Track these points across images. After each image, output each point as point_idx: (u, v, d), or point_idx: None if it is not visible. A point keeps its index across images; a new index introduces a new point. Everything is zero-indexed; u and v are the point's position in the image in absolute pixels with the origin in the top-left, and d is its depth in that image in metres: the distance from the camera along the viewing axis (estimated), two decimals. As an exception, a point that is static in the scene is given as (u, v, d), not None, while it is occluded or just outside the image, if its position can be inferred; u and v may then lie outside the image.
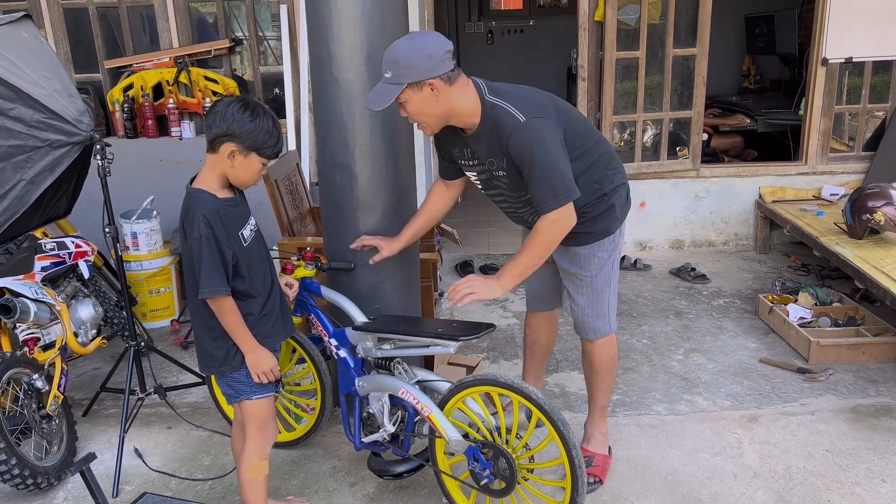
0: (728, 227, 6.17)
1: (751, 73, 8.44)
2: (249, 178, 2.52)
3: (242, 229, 2.54)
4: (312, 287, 3.15)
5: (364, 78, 3.03)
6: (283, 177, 4.19)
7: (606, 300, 3.05)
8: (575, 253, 3.00)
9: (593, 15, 5.73)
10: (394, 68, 2.56)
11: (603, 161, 2.91)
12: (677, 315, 4.85)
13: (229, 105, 2.44)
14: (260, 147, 2.45)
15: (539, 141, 2.59)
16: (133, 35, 5.76)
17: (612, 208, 2.94)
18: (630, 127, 6.01)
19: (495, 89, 2.72)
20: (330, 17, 3.01)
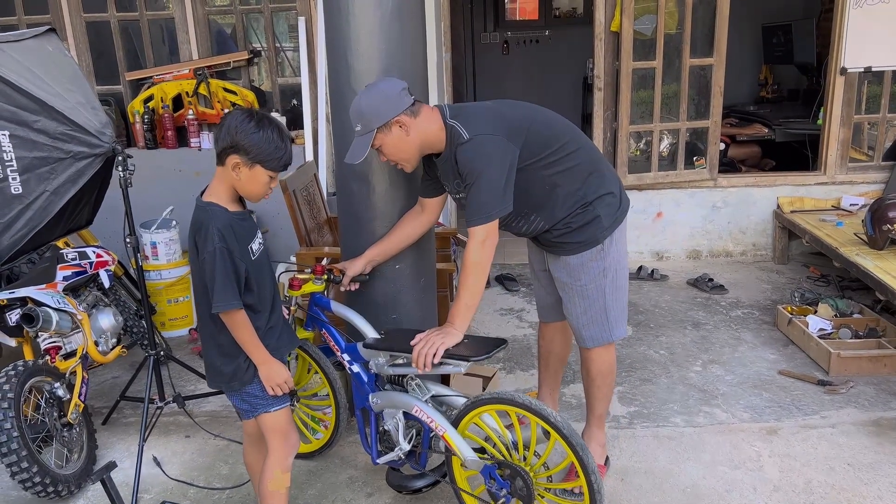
0: (746, 238, 6.15)
1: (768, 82, 8.40)
2: (256, 191, 2.50)
3: (252, 243, 2.54)
4: (322, 302, 3.15)
5: None
6: (301, 187, 4.21)
7: (602, 308, 3.04)
8: (566, 262, 3.02)
9: (609, 25, 5.74)
10: (361, 120, 2.67)
11: (585, 168, 2.92)
12: (695, 326, 4.84)
13: (235, 117, 2.44)
14: (265, 159, 2.42)
15: (479, 156, 2.66)
16: (154, 47, 5.83)
17: (597, 219, 2.94)
18: (646, 136, 6.01)
19: (455, 111, 2.79)
20: (348, 29, 3.02)
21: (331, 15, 3.10)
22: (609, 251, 2.98)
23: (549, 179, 2.85)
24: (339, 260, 3.45)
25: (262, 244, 2.62)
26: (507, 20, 10.34)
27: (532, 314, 5.07)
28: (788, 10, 8.10)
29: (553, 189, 2.87)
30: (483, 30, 10.27)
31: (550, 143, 2.84)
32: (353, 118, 2.69)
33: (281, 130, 2.48)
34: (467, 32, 10.10)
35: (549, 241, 3.02)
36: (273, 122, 2.46)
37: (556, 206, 2.91)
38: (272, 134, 2.43)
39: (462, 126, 2.72)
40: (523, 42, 10.28)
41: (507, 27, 10.31)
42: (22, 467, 2.94)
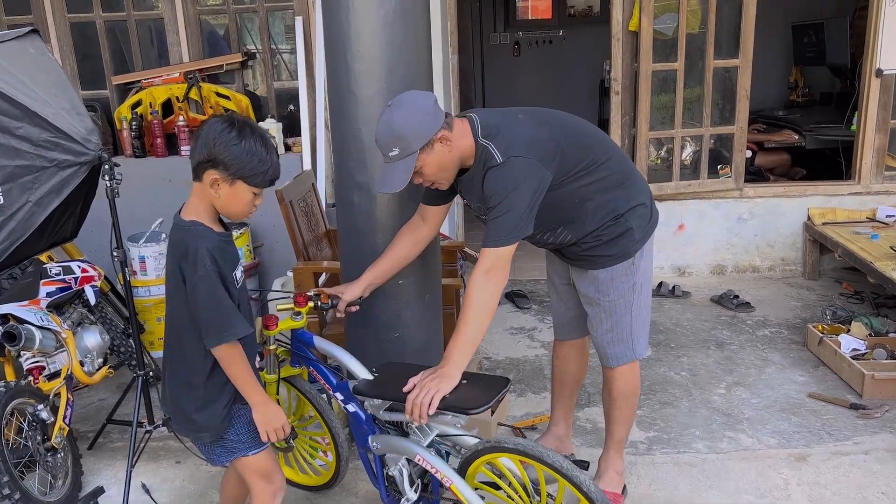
0: (774, 252, 6.19)
1: (798, 85, 8.43)
2: (238, 210, 2.41)
3: (236, 269, 2.48)
4: (305, 338, 3.05)
5: (384, 94, 3.06)
6: (299, 198, 4.27)
7: (628, 325, 3.09)
8: (594, 277, 3.06)
9: (627, 24, 5.80)
10: (398, 143, 2.61)
11: (616, 178, 2.96)
12: (719, 346, 4.88)
13: (212, 126, 2.32)
14: (247, 174, 2.32)
15: (508, 179, 2.68)
16: (142, 49, 5.89)
17: (629, 231, 2.98)
18: (667, 144, 6.06)
19: (487, 129, 2.78)
20: (349, 29, 3.07)
21: (330, 14, 3.14)
22: (639, 265, 3.05)
23: (580, 193, 2.89)
24: (338, 275, 3.50)
25: (243, 272, 2.57)
26: (518, 20, 10.42)
27: (545, 333, 5.12)
28: (820, 7, 8.13)
29: (584, 202, 2.91)
30: (492, 30, 10.35)
31: (582, 158, 2.87)
32: (386, 142, 2.63)
33: (265, 141, 2.37)
34: (475, 33, 10.18)
35: (577, 254, 3.05)
36: (256, 130, 2.37)
37: (586, 219, 2.94)
38: (255, 145, 2.32)
39: (496, 147, 2.72)
40: (535, 43, 10.35)
41: (519, 27, 10.38)
42: (4, 494, 2.97)
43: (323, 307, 3.06)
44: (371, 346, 3.33)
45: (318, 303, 3.04)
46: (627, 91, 5.95)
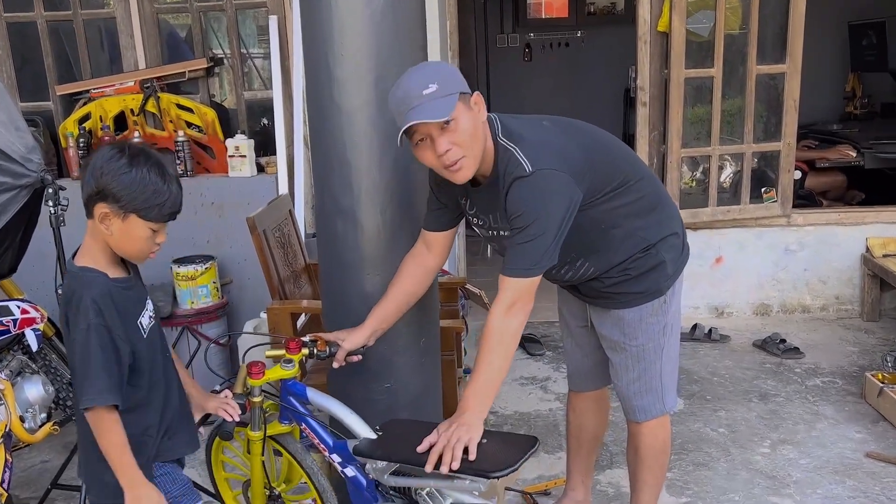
0: (827, 289, 6.26)
1: (856, 94, 8.48)
2: (134, 249, 2.47)
3: (141, 317, 2.53)
4: (296, 390, 3.06)
5: (373, 105, 3.10)
6: (274, 227, 4.33)
7: (658, 373, 3.13)
8: (618, 317, 3.09)
9: (656, 24, 5.87)
10: (438, 80, 2.58)
11: (647, 202, 3.00)
12: (762, 398, 4.93)
13: (101, 154, 2.39)
14: (140, 207, 2.37)
15: (541, 196, 2.67)
16: (91, 54, 5.95)
17: (661, 264, 3.02)
18: (703, 163, 6.13)
19: (511, 129, 2.79)
20: (331, 30, 3.08)
21: (309, 11, 3.17)
22: (671, 304, 3.09)
23: (608, 218, 2.91)
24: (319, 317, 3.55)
25: (153, 318, 2.62)
26: (529, 19, 10.52)
27: (559, 384, 5.17)
28: (881, 3, 8.06)
29: (610, 229, 2.93)
30: (499, 30, 10.46)
31: (613, 177, 2.89)
32: (419, 79, 2.59)
33: (162, 170, 2.42)
34: (479, 34, 10.28)
35: (599, 290, 3.08)
36: (152, 158, 2.41)
37: (611, 250, 2.97)
38: (149, 174, 2.37)
39: (523, 154, 2.70)
40: (549, 45, 10.46)
41: (530, 27, 10.50)
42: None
43: (319, 355, 3.06)
44: (358, 399, 3.30)
45: (314, 350, 3.05)
46: (656, 101, 6.02)
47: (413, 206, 3.29)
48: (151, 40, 5.87)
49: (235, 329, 5.43)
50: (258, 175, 5.63)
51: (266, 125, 6.03)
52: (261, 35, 6.16)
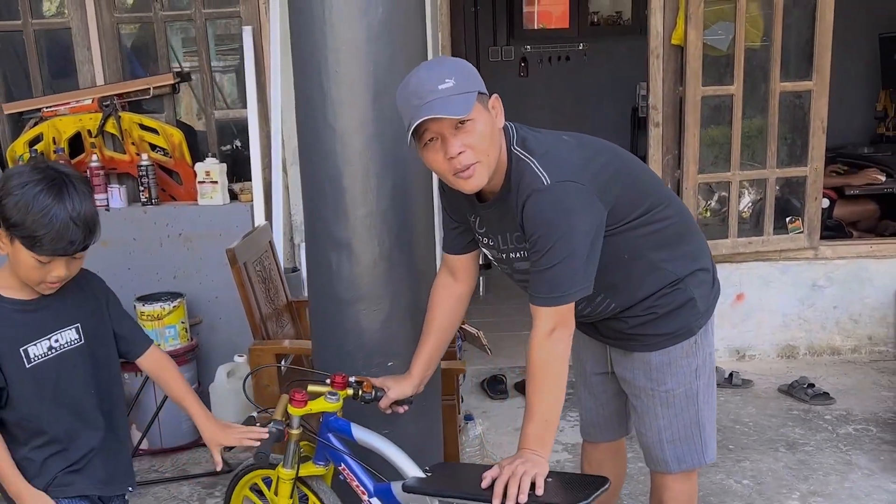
0: (858, 328, 6.36)
1: (888, 114, 8.52)
2: (23, 276, 2.57)
3: (29, 344, 2.62)
4: (339, 426, 3.12)
5: (369, 126, 3.20)
6: (254, 259, 4.41)
7: (693, 420, 3.13)
8: (644, 360, 3.10)
9: (670, 36, 5.95)
10: (456, 76, 2.60)
11: (675, 232, 3.02)
12: (790, 447, 5.04)
13: (15, 170, 2.51)
14: (21, 234, 2.45)
15: (562, 212, 2.66)
16: (43, 69, 5.99)
17: (691, 301, 3.02)
18: (721, 190, 6.23)
19: (526, 139, 2.81)
20: (325, 45, 3.18)
21: (301, 27, 3.26)
22: (702, 344, 3.10)
23: (632, 247, 2.92)
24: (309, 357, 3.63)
25: (62, 346, 2.70)
26: (525, 29, 10.59)
27: (567, 433, 5.25)
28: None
29: (634, 260, 2.94)
30: (493, 42, 10.51)
31: (639, 202, 2.91)
32: (437, 73, 2.60)
33: (59, 199, 2.46)
34: (471, 46, 10.28)
35: (622, 332, 3.10)
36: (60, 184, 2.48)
37: (634, 284, 2.99)
38: (41, 198, 2.43)
39: (540, 165, 2.70)
40: (548, 59, 10.53)
41: (526, 39, 10.57)
42: None
43: (365, 397, 3.13)
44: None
45: (360, 391, 3.12)
46: (670, 122, 6.10)
47: (413, 236, 3.38)
48: (111, 54, 5.90)
49: (206, 373, 5.47)
50: (231, 203, 5.69)
51: (238, 147, 6.09)
52: (227, 46, 6.23)
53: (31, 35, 5.94)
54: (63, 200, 2.46)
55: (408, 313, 3.41)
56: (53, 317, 2.68)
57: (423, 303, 3.38)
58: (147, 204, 5.64)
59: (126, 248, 5.57)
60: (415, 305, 3.41)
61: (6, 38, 6.09)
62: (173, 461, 5.25)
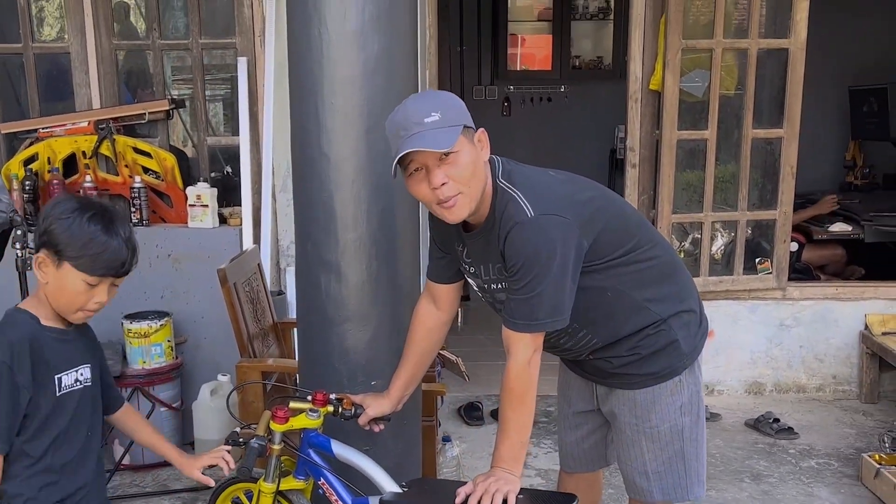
0: (823, 367, 6.47)
1: (857, 164, 8.65)
2: (67, 302, 2.57)
3: (63, 373, 2.63)
4: (319, 442, 3.19)
5: (361, 155, 3.31)
6: (244, 280, 4.50)
7: (679, 454, 3.13)
8: (629, 398, 3.12)
9: (648, 82, 6.10)
10: (441, 110, 2.65)
11: (659, 272, 3.05)
12: (755, 478, 5.14)
13: (55, 201, 2.57)
14: (74, 255, 2.49)
15: (544, 243, 2.71)
16: (41, 91, 6.06)
17: (674, 343, 3.03)
18: (694, 231, 6.35)
19: (512, 172, 2.87)
20: (321, 77, 3.29)
21: (300, 59, 3.37)
22: (687, 382, 3.11)
23: (614, 285, 2.95)
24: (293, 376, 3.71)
25: (83, 383, 2.72)
26: (508, 70, 10.71)
27: (541, 459, 5.34)
28: (883, 68, 8.40)
29: (617, 297, 2.97)
30: (477, 82, 10.63)
31: (623, 241, 2.94)
32: (421, 107, 2.66)
33: (109, 224, 2.55)
34: (455, 85, 10.36)
35: (607, 371, 3.12)
36: (102, 209, 2.58)
37: (617, 322, 3.01)
38: (90, 224, 2.50)
39: (523, 197, 2.76)
40: (530, 100, 10.62)
41: (510, 80, 10.67)
42: None
43: (344, 414, 3.21)
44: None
45: (340, 408, 3.20)
46: (646, 164, 6.24)
47: (400, 261, 3.49)
48: (108, 78, 5.98)
49: (189, 391, 5.52)
50: (220, 227, 5.76)
51: (229, 173, 6.17)
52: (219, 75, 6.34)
53: (30, 58, 6.01)
54: (114, 224, 2.55)
55: (392, 334, 3.50)
56: (80, 351, 2.72)
57: (406, 324, 3.45)
58: (138, 225, 5.69)
59: (116, 269, 5.59)
60: (399, 327, 3.48)
61: (6, 60, 6.17)
62: (154, 476, 5.30)
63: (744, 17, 6.11)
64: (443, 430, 5.63)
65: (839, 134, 8.87)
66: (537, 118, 10.59)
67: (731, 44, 6.07)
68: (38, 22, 6.29)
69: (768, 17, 6.23)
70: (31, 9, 6.04)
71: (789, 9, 6.00)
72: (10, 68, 6.23)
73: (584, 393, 3.37)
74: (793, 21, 5.98)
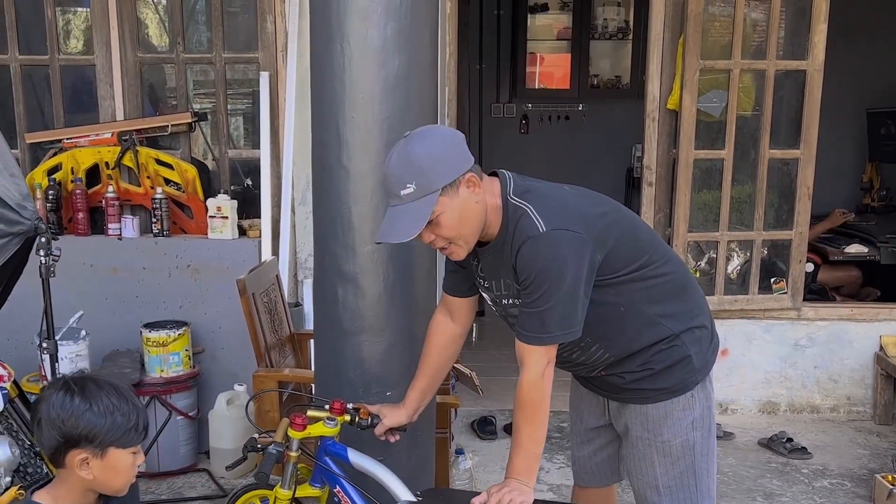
0: (838, 388, 6.48)
1: (874, 186, 8.61)
2: (120, 483, 2.49)
3: None
4: (335, 450, 3.24)
5: (380, 169, 3.20)
6: (262, 291, 4.55)
7: (689, 469, 3.14)
8: (641, 413, 3.13)
9: (666, 101, 6.13)
10: (416, 178, 2.70)
11: (672, 288, 3.06)
12: (767, 497, 5.16)
13: (49, 401, 2.38)
14: (117, 437, 2.39)
15: (557, 258, 2.74)
16: (65, 102, 6.12)
17: (686, 359, 3.04)
18: (710, 250, 6.38)
19: (525, 188, 2.90)
20: (342, 93, 3.34)
21: (321, 75, 3.43)
22: (699, 397, 3.11)
23: (627, 301, 2.97)
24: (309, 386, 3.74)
25: None
26: (527, 88, 10.72)
27: (553, 474, 5.36)
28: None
29: (630, 313, 2.99)
30: (495, 100, 10.65)
31: (636, 257, 2.97)
32: (399, 175, 2.73)
33: (116, 388, 2.46)
34: (474, 102, 10.39)
35: (619, 386, 3.13)
36: (100, 382, 2.45)
37: (629, 337, 3.03)
38: (109, 399, 2.40)
39: (536, 212, 2.79)
40: (548, 118, 10.61)
41: (528, 98, 10.67)
42: None
43: (361, 423, 3.25)
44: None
45: (357, 417, 3.24)
46: (663, 182, 6.27)
47: (416, 275, 3.54)
48: (132, 91, 6.02)
49: (205, 401, 5.57)
50: (239, 238, 5.79)
51: (249, 186, 6.21)
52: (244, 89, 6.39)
53: (56, 70, 6.06)
54: (118, 389, 2.47)
55: (407, 346, 3.54)
56: None
57: (421, 336, 3.49)
58: (158, 235, 5.76)
59: (136, 277, 5.68)
60: (414, 339, 3.53)
61: (32, 72, 6.21)
62: (169, 484, 5.35)
63: (762, 39, 6.14)
64: (456, 444, 5.67)
65: (856, 156, 8.86)
66: (555, 136, 10.59)
67: (749, 65, 6.10)
68: (65, 35, 6.35)
69: (786, 38, 6.25)
70: (59, 21, 6.11)
71: (807, 31, 6.03)
72: (35, 80, 6.27)
73: (596, 408, 3.38)
74: (811, 43, 6.02)
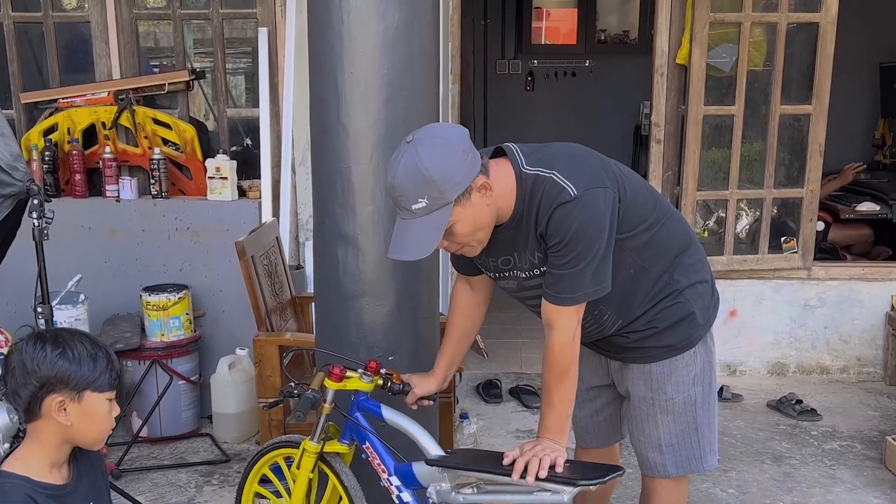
0: (848, 349, 6.46)
1: (886, 142, 8.57)
2: (100, 430, 2.53)
3: None
4: (368, 406, 3.24)
5: (380, 126, 3.30)
6: (262, 253, 4.50)
7: (692, 426, 3.17)
8: (644, 371, 3.16)
9: (674, 56, 6.06)
10: (428, 192, 2.64)
11: (676, 244, 3.07)
12: (776, 460, 5.14)
13: (22, 351, 2.42)
14: (92, 379, 2.43)
15: (593, 219, 2.75)
16: (61, 61, 6.05)
17: (690, 315, 3.06)
18: (719, 209, 6.34)
19: (536, 156, 2.88)
20: (341, 48, 3.28)
21: (319, 29, 3.36)
22: (700, 352, 3.15)
23: (635, 260, 2.98)
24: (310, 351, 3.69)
25: None
26: (532, 44, 10.67)
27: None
28: None
29: (638, 274, 3.00)
30: (500, 56, 10.59)
31: (646, 214, 2.97)
32: (409, 190, 2.67)
33: (88, 337, 2.52)
34: (478, 58, 10.38)
35: (623, 346, 3.15)
36: (70, 330, 2.54)
37: (639, 297, 3.04)
38: (82, 345, 2.45)
39: (562, 176, 2.76)
40: (554, 74, 10.59)
41: (533, 53, 10.63)
42: None
43: (393, 388, 3.28)
44: None
45: (391, 382, 3.27)
46: (671, 140, 6.22)
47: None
48: (128, 49, 5.95)
49: (207, 365, 5.55)
50: (239, 199, 5.76)
51: (248, 145, 6.15)
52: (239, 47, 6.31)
53: (50, 27, 5.98)
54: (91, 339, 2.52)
55: (410, 309, 3.51)
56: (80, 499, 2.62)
57: (425, 300, 3.53)
58: (157, 197, 5.72)
59: (134, 240, 5.65)
60: (417, 302, 3.52)
61: (26, 30, 6.14)
62: (172, 449, 5.34)
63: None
64: (460, 407, 5.64)
65: (868, 111, 8.78)
66: (561, 93, 10.56)
67: (760, 17, 6.04)
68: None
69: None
70: (52, -24, 6.02)
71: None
72: (31, 38, 6.20)
73: (597, 368, 3.39)
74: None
